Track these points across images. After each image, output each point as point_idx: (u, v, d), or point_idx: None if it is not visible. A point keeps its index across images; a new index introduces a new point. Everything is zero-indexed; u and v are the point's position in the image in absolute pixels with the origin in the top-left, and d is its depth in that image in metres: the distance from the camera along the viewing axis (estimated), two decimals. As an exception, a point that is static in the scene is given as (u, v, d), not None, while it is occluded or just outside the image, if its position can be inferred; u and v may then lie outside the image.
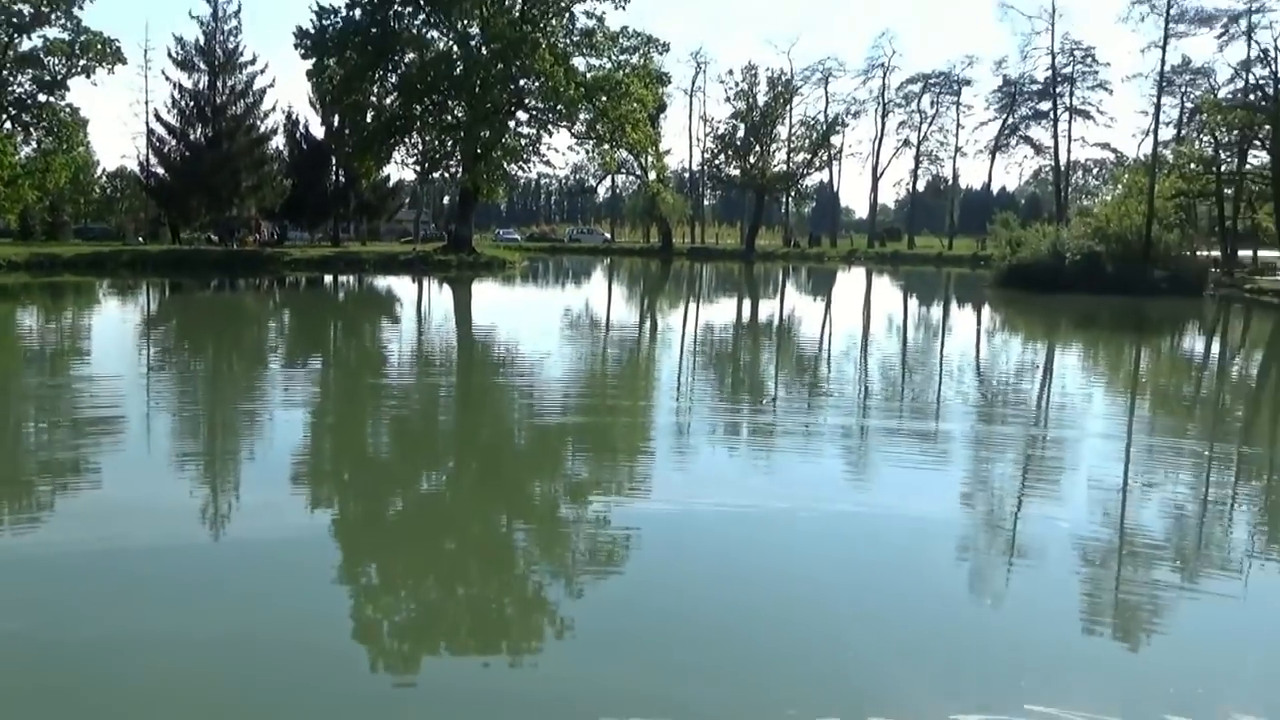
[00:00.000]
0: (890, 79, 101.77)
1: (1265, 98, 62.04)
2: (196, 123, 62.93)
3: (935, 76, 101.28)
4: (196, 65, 62.39)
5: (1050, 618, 8.12)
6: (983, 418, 17.86)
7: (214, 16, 61.76)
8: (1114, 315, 40.43)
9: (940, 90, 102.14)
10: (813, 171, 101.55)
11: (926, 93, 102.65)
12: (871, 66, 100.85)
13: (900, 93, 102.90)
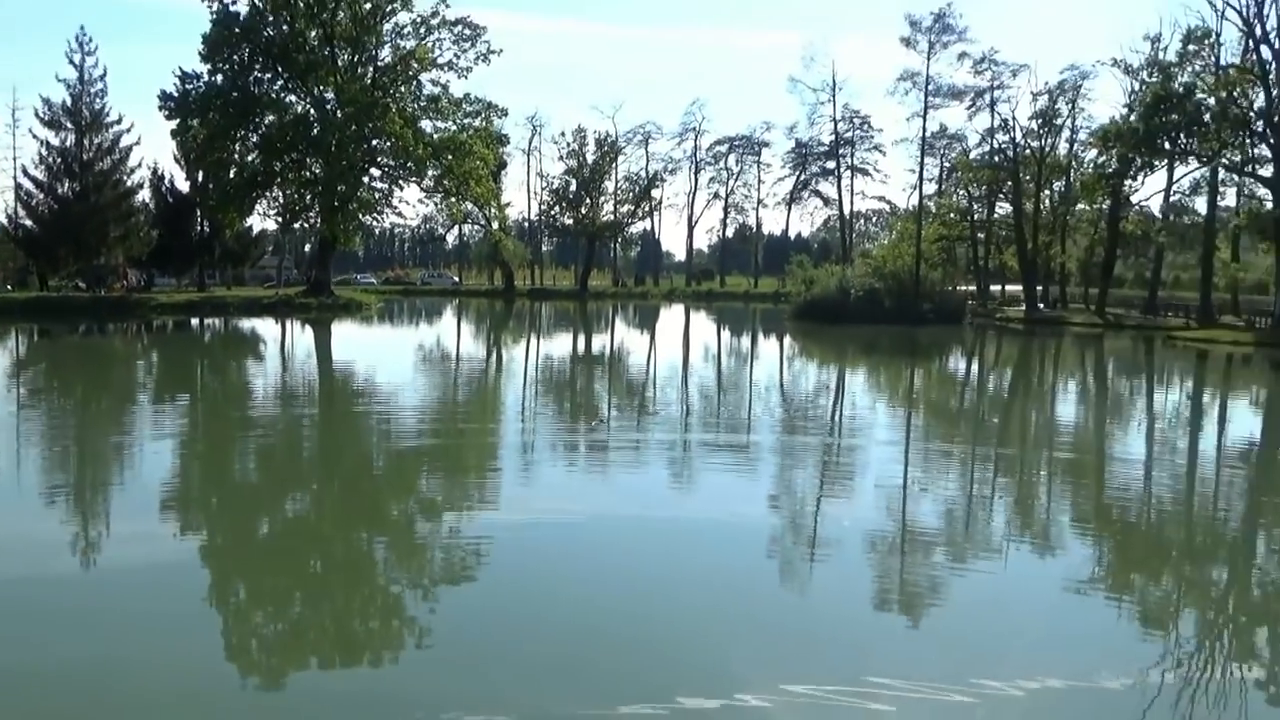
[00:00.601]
0: (701, 141, 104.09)
1: (1006, 159, 66.06)
2: (64, 178, 59.21)
3: (739, 139, 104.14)
4: (64, 124, 58.81)
5: (853, 599, 8.34)
6: (786, 430, 18.30)
7: (80, 80, 58.44)
8: (891, 341, 42.11)
9: (743, 151, 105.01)
10: (636, 220, 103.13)
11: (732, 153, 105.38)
12: (685, 130, 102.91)
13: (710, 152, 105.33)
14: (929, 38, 61.45)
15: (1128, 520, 12.09)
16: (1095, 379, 32.56)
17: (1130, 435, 19.88)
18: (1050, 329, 54.74)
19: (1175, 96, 50.02)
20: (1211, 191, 57.74)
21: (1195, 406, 25.50)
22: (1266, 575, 10.03)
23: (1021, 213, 65.65)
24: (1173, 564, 10.19)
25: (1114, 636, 7.68)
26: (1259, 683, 6.95)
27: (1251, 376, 33.24)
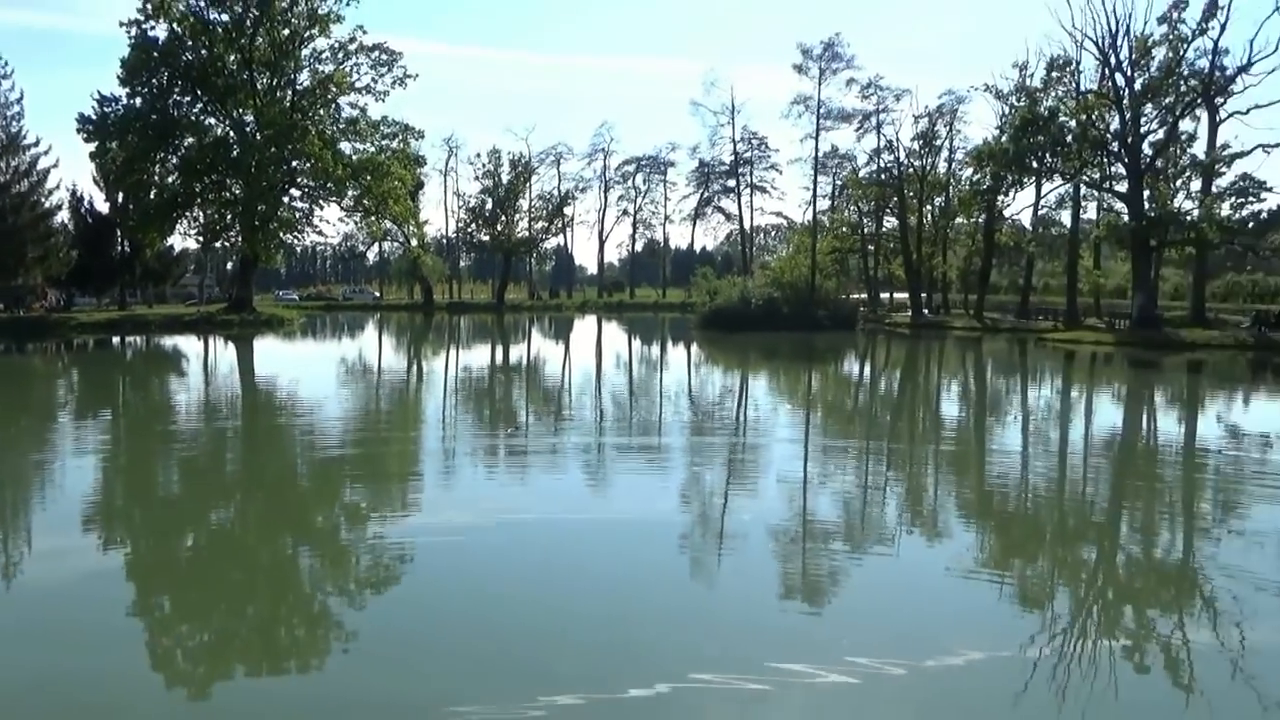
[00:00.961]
0: (610, 161, 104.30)
1: (891, 177, 67.70)
2: (-20, 201, 56.60)
3: (645, 159, 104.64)
4: (-22, 147, 56.15)
5: (759, 589, 8.38)
6: (695, 431, 18.38)
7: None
8: (790, 346, 42.70)
9: (650, 170, 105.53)
10: (550, 236, 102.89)
11: (639, 172, 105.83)
12: (595, 150, 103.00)
13: (619, 172, 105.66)
14: (820, 65, 62.78)
15: (1006, 506, 12.44)
16: (975, 378, 33.49)
17: (1007, 428, 20.48)
18: (934, 332, 56.17)
19: (1041, 120, 51.94)
20: (1075, 205, 60.25)
21: (1064, 401, 26.40)
22: (1131, 554, 10.40)
23: (906, 226, 67.40)
24: (1047, 546, 10.50)
25: (995, 616, 7.87)
26: (1125, 651, 7.18)
27: (1113, 373, 34.57)
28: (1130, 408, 25.06)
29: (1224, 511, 12.26)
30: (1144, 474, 15.12)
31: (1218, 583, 8.82)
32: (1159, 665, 6.97)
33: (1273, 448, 17.64)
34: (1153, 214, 49.26)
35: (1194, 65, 48.95)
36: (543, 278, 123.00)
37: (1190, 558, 10.06)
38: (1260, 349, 41.38)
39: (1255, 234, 47.72)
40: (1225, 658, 6.92)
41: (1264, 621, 7.67)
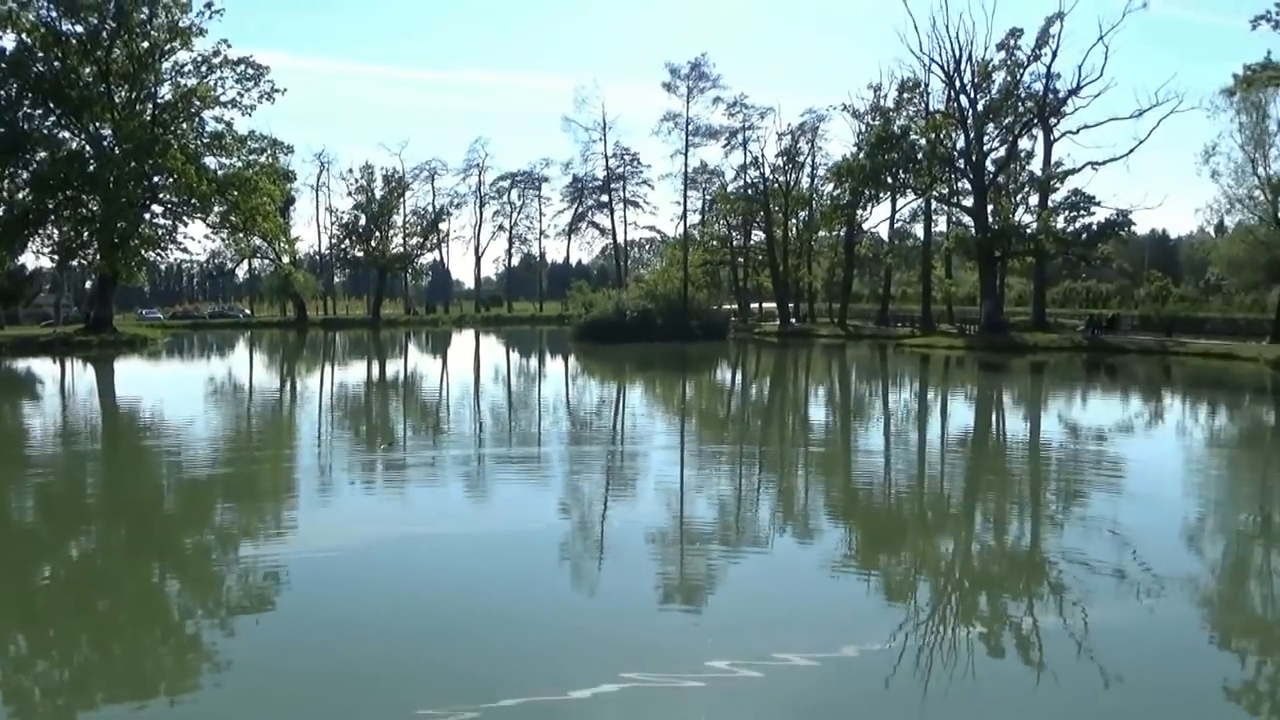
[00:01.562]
0: (485, 176, 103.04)
1: (758, 192, 69.10)
2: None
3: (520, 175, 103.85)
4: None
5: (637, 594, 8.38)
6: (573, 441, 18.33)
7: None
8: (664, 356, 43.10)
9: (525, 185, 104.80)
10: (425, 251, 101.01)
11: (514, 187, 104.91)
12: (470, 166, 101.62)
13: (494, 187, 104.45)
14: (687, 84, 63.59)
15: (872, 503, 12.83)
16: (840, 383, 34.51)
17: (870, 429, 21.16)
18: (801, 341, 57.61)
19: (894, 138, 54.09)
20: (926, 219, 62.92)
21: (922, 403, 27.46)
22: (985, 544, 10.87)
23: (773, 239, 68.93)
24: (909, 539, 10.87)
25: (864, 609, 8.10)
26: (982, 635, 7.48)
27: (965, 375, 36.17)
28: (981, 407, 26.26)
29: (1066, 501, 12.96)
30: (994, 468, 15.84)
31: (1062, 568, 9.30)
32: (1012, 647, 7.29)
33: (1106, 441, 18.76)
34: (996, 227, 51.90)
35: (1030, 88, 51.88)
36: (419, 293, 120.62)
37: (1037, 545, 10.58)
38: (1093, 350, 44.05)
39: (1087, 245, 50.59)
40: (1071, 637, 7.29)
41: (1103, 602, 8.12)
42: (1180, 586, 8.62)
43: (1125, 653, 6.98)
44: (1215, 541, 10.89)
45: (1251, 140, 44.50)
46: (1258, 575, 9.62)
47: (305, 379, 37.22)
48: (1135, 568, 9.12)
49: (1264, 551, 10.58)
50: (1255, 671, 6.89)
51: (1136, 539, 10.22)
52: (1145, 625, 7.69)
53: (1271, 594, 8.97)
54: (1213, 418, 24.01)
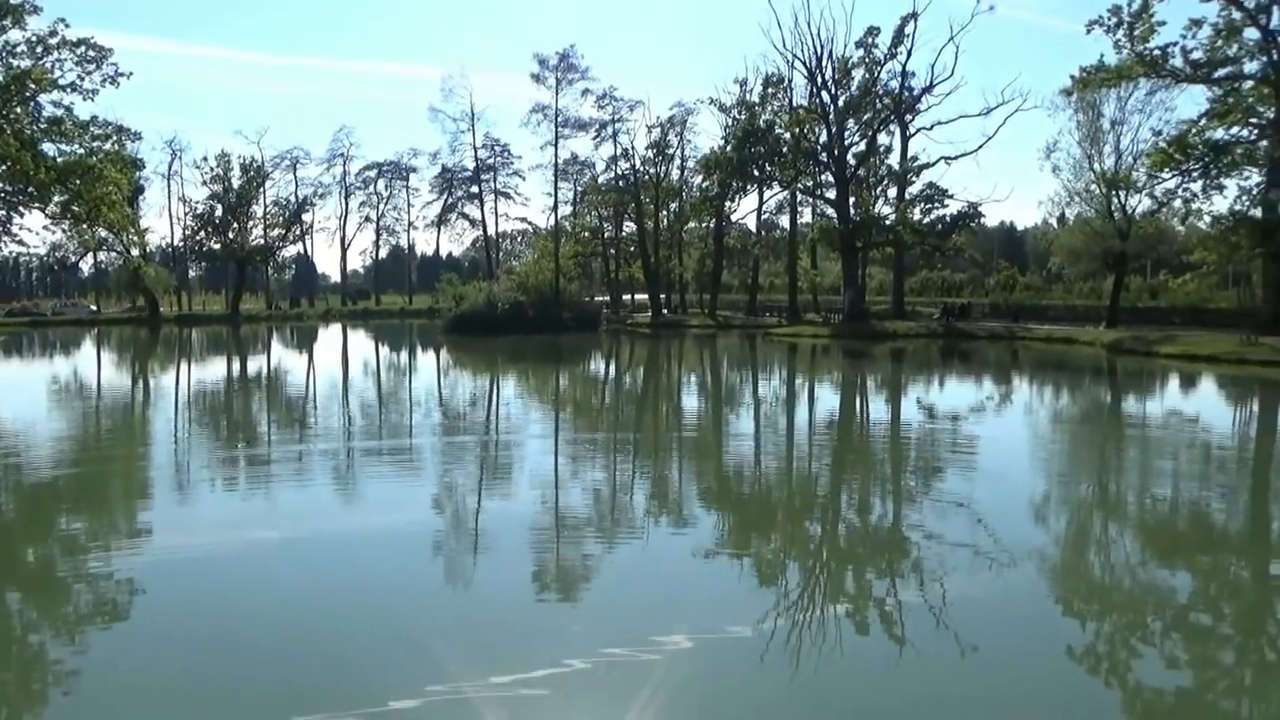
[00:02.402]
0: (350, 166, 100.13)
1: (628, 184, 69.50)
2: None
3: (387, 165, 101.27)
4: None
5: (510, 588, 8.31)
6: (447, 433, 18.04)
7: None
8: (537, 348, 42.89)
9: (392, 176, 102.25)
10: (288, 244, 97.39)
11: (381, 178, 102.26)
12: (334, 156, 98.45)
13: (359, 178, 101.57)
14: (556, 75, 63.32)
15: (742, 488, 13.10)
16: (711, 372, 35.07)
17: (740, 416, 21.59)
18: (673, 331, 58.29)
19: (760, 132, 55.33)
20: (792, 211, 64.61)
21: (789, 390, 28.19)
22: (851, 525, 11.23)
23: (644, 230, 69.46)
24: (779, 522, 11.14)
25: (736, 592, 8.25)
26: (849, 613, 7.74)
27: (830, 363, 37.31)
28: (845, 393, 27.14)
29: (925, 480, 13.54)
30: (858, 451, 16.41)
31: (922, 544, 9.71)
32: (876, 622, 7.56)
33: (961, 421, 19.68)
34: (858, 218, 53.74)
35: (887, 86, 53.93)
36: (282, 287, 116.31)
37: (899, 524, 11.01)
38: (948, 337, 46.18)
39: (941, 236, 52.94)
40: (930, 610, 7.62)
41: (959, 575, 8.51)
42: (1028, 557, 9.12)
43: (980, 622, 7.35)
44: (1059, 513, 11.57)
45: (1088, 138, 47.73)
46: (1096, 544, 10.27)
47: (159, 377, 35.36)
48: (988, 541, 9.61)
49: (1102, 521, 11.30)
50: (1095, 635, 7.34)
51: (989, 514, 10.77)
52: (998, 596, 8.10)
53: (1109, 561, 9.58)
54: (1056, 397, 25.50)
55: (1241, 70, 38.24)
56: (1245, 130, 38.00)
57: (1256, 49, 37.48)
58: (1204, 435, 18.28)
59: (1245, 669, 6.80)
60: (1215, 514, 11.64)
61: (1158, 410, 22.91)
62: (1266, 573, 9.29)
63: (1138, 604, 8.10)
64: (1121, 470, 14.83)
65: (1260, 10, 36.81)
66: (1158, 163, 39.33)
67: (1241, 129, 38.03)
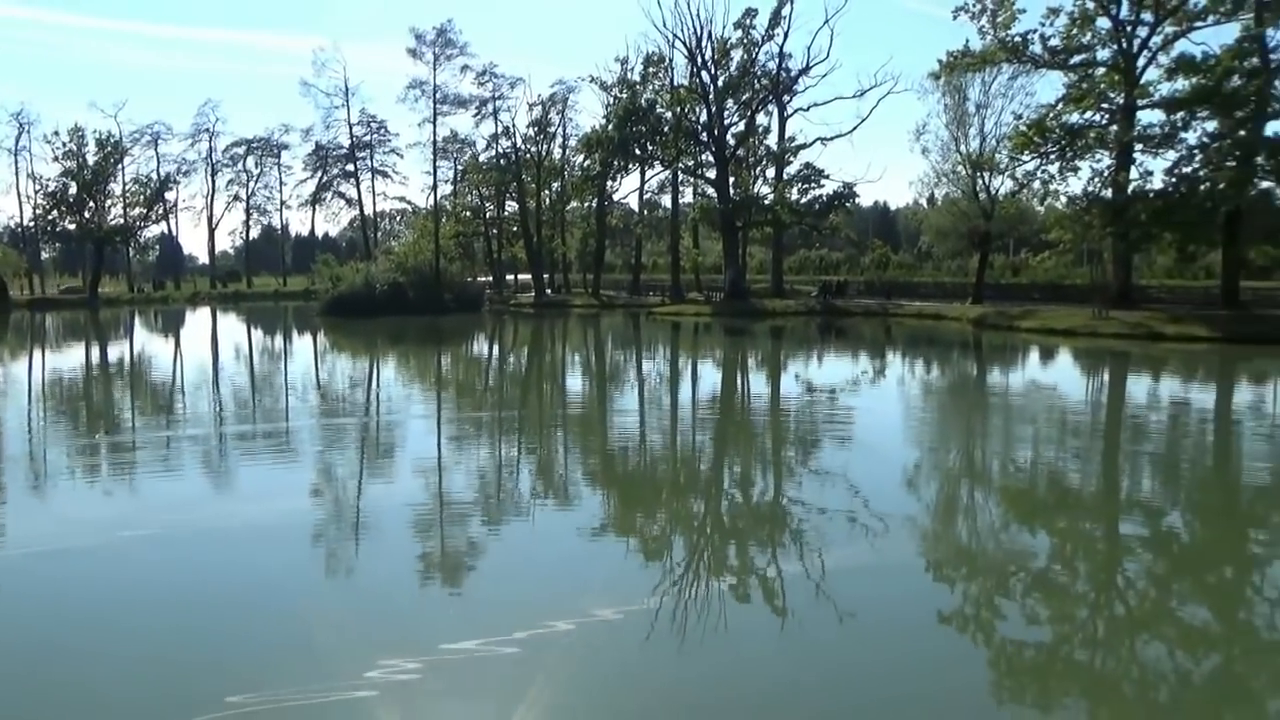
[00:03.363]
0: (216, 142, 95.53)
1: (510, 162, 68.67)
2: None
3: (257, 141, 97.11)
4: None
5: (392, 577, 8.16)
6: (324, 416, 17.54)
7: None
8: (418, 330, 42.11)
9: (262, 153, 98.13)
10: (150, 224, 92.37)
11: (250, 155, 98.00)
12: (198, 131, 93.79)
13: (227, 154, 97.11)
14: (434, 50, 61.99)
15: (628, 466, 13.18)
16: (595, 350, 35.12)
17: (624, 394, 21.71)
18: (557, 311, 58.08)
19: (641, 111, 55.41)
20: (674, 190, 64.93)
21: (673, 368, 28.48)
22: (733, 499, 11.44)
23: (526, 210, 68.89)
24: (664, 499, 11.27)
25: (624, 570, 8.31)
26: (731, 587, 7.89)
27: (711, 340, 37.84)
28: (727, 370, 27.58)
29: (804, 453, 13.90)
30: (740, 425, 16.71)
31: (801, 515, 9.98)
32: (759, 594, 7.74)
33: (837, 395, 20.28)
34: (737, 198, 54.56)
35: (765, 67, 54.74)
36: (146, 269, 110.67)
37: (779, 496, 11.28)
38: (825, 314, 47.48)
39: (819, 215, 54.33)
40: (810, 580, 7.84)
41: (837, 545, 8.79)
42: (901, 525, 9.48)
43: (856, 590, 7.61)
44: (929, 481, 12.06)
45: (954, 121, 49.61)
46: (964, 510, 10.75)
47: (8, 365, 33.18)
48: (864, 510, 9.94)
49: (969, 487, 11.84)
50: (963, 597, 7.69)
51: (864, 484, 11.15)
52: (874, 563, 8.40)
53: (975, 526, 10.04)
54: (926, 371, 26.53)
55: (1094, 57, 40.32)
56: (1098, 115, 40.09)
57: (1108, 37, 39.59)
58: (1060, 403, 19.34)
59: (1099, 622, 7.24)
60: (1070, 476, 12.34)
61: (1019, 381, 24.10)
62: (1116, 531, 9.90)
63: (1001, 565, 8.52)
64: (986, 438, 15.55)
65: (1111, 1, 38.87)
66: (1018, 145, 41.18)
67: (1094, 114, 40.08)
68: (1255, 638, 6.98)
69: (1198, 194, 36.09)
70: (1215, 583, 8.37)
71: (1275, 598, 7.78)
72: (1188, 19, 37.87)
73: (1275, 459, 13.71)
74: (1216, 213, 35.84)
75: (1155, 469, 13.09)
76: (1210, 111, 35.80)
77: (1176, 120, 37.10)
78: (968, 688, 6.03)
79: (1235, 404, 19.84)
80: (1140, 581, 8.28)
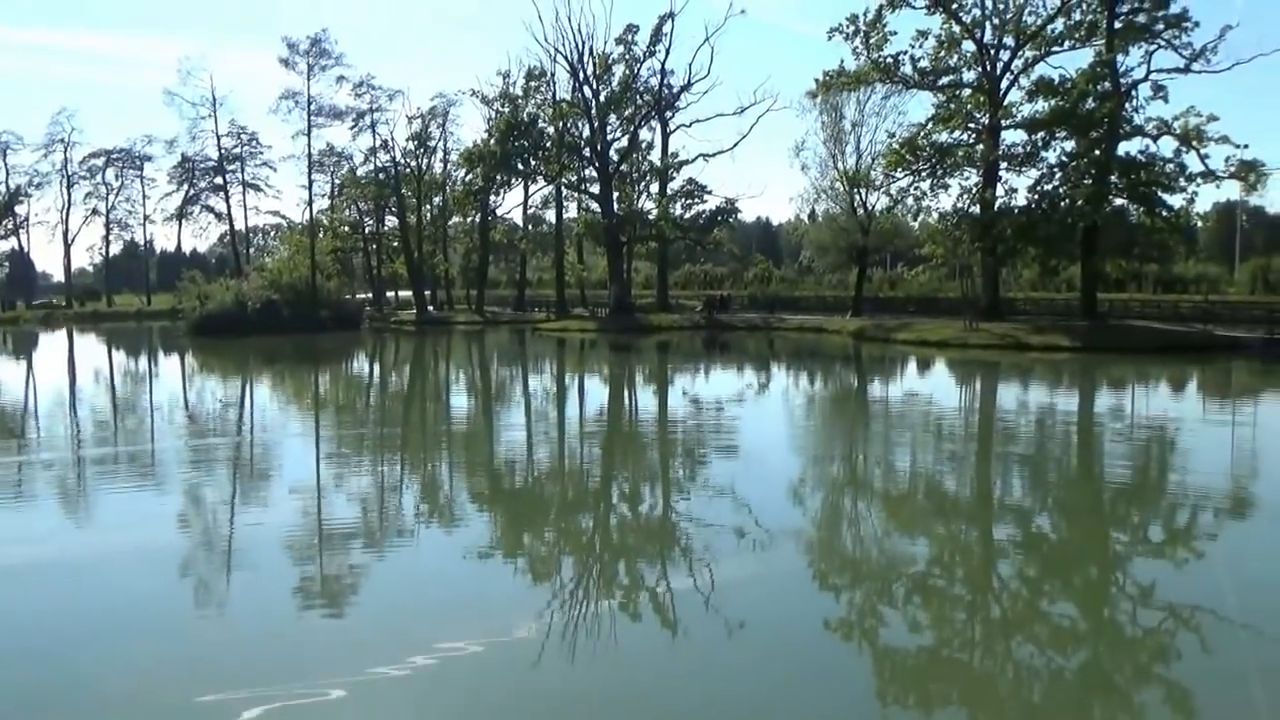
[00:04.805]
0: (73, 153, 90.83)
1: (389, 176, 67.42)
2: None
3: (117, 152, 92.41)
4: None
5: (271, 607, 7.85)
6: (196, 437, 16.81)
7: None
8: (293, 350, 40.83)
9: (124, 165, 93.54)
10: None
11: (110, 166, 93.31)
12: (52, 141, 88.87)
13: (84, 166, 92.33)
14: (307, 60, 60.43)
15: (514, 484, 13.06)
16: (479, 368, 34.73)
17: (509, 412, 21.53)
18: (440, 328, 57.23)
19: (523, 125, 55.29)
20: (558, 205, 64.79)
21: (559, 384, 28.40)
22: (621, 515, 11.46)
23: (406, 225, 67.68)
24: (551, 518, 11.20)
25: (510, 593, 8.22)
26: (621, 605, 7.89)
27: (597, 357, 37.93)
28: (613, 386, 27.66)
29: (691, 468, 14.04)
30: (626, 441, 16.77)
31: (690, 531, 10.07)
32: (649, 610, 7.76)
33: (723, 410, 20.58)
34: (621, 213, 54.93)
35: (647, 83, 55.27)
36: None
37: (668, 511, 11.36)
38: (710, 328, 48.19)
39: (702, 230, 55.22)
40: (699, 594, 7.92)
41: (725, 559, 8.90)
42: (787, 538, 9.68)
43: (745, 602, 7.71)
44: (813, 492, 12.35)
45: (831, 138, 51.24)
46: (847, 519, 11.04)
47: None
48: (750, 523, 10.10)
49: (851, 496, 12.17)
50: (848, 605, 7.89)
51: (750, 496, 11.34)
52: (761, 574, 8.54)
53: (859, 535, 10.32)
54: (810, 383, 27.20)
55: (961, 79, 42.23)
56: (965, 134, 41.97)
57: (973, 60, 41.54)
58: (935, 411, 20.11)
59: (976, 625, 7.52)
60: (946, 481, 12.83)
61: (896, 391, 24.94)
62: (990, 534, 10.33)
63: (883, 573, 8.77)
64: (867, 446, 16.02)
65: (975, 25, 40.83)
66: (891, 163, 42.75)
67: (962, 133, 41.96)
68: (1120, 633, 7.37)
69: (1059, 210, 38.15)
70: (1081, 582, 8.81)
71: (1137, 594, 8.24)
72: (1046, 44, 40.09)
73: (1134, 458, 14.57)
74: (1075, 228, 37.96)
75: (1025, 471, 13.72)
76: (1068, 132, 37.97)
77: (1038, 140, 39.21)
78: (855, 694, 6.17)
79: (1096, 409, 21.01)
80: (1013, 583, 8.65)
